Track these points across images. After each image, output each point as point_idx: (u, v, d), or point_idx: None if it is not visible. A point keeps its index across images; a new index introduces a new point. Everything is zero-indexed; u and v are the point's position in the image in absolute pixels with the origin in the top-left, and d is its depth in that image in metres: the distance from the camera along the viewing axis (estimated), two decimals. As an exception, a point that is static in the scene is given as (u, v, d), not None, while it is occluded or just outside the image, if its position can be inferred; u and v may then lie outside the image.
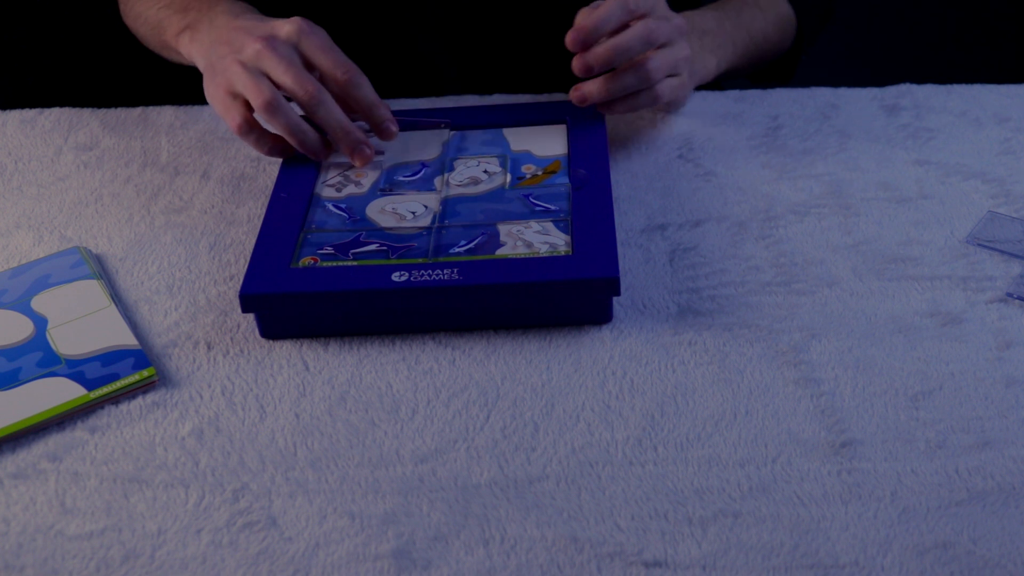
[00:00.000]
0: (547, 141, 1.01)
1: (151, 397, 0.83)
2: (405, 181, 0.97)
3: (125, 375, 0.83)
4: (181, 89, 1.18)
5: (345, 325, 0.87)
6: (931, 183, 1.00)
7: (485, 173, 0.98)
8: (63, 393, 0.82)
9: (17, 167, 1.08)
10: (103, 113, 1.15)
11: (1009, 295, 0.87)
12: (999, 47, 2.19)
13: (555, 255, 0.87)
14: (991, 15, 2.18)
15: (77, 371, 0.84)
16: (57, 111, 1.15)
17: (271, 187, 1.01)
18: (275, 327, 0.87)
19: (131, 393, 0.83)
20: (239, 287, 0.86)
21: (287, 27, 0.96)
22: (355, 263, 0.88)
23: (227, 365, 0.85)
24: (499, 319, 0.87)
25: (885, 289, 0.89)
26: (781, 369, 0.82)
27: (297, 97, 0.94)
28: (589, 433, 0.78)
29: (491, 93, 1.16)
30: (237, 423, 0.80)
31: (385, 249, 0.89)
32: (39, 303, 0.90)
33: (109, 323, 0.88)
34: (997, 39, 2.19)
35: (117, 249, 0.97)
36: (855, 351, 0.83)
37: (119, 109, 1.15)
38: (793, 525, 0.71)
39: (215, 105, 0.99)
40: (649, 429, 0.78)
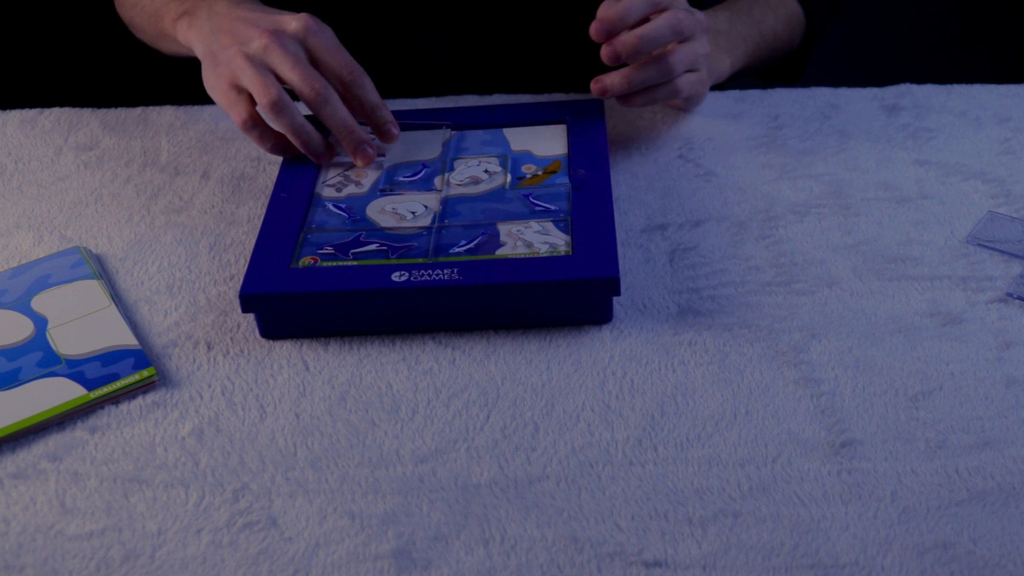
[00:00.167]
0: (547, 141, 1.01)
1: (151, 397, 0.83)
2: (405, 181, 0.97)
3: (125, 375, 0.83)
4: (181, 89, 1.18)
5: (345, 325, 0.87)
6: (931, 183, 1.00)
7: (485, 173, 0.98)
8: (63, 393, 0.82)
9: (17, 167, 1.08)
10: (103, 113, 1.15)
11: (1009, 295, 0.87)
12: (999, 47, 2.19)
13: (555, 255, 0.87)
14: (991, 15, 2.18)
15: (77, 371, 0.84)
16: (57, 111, 1.15)
17: (271, 187, 1.01)
18: (275, 327, 0.87)
19: (131, 393, 0.83)
20: (239, 287, 0.86)
21: (295, 22, 0.95)
22: (355, 263, 0.88)
23: (227, 365, 0.85)
24: (499, 319, 0.87)
25: (885, 289, 0.89)
26: (781, 369, 0.82)
27: (303, 94, 0.94)
28: (589, 433, 0.78)
29: (491, 93, 1.15)
30: (237, 423, 0.80)
31: (385, 249, 0.89)
32: (39, 303, 0.90)
33: (109, 323, 0.88)
34: (997, 39, 2.19)
35: (117, 249, 0.97)
36: (855, 351, 0.83)
37: (119, 109, 1.15)
38: (793, 525, 0.71)
39: (217, 97, 0.98)
40: (649, 429, 0.78)
